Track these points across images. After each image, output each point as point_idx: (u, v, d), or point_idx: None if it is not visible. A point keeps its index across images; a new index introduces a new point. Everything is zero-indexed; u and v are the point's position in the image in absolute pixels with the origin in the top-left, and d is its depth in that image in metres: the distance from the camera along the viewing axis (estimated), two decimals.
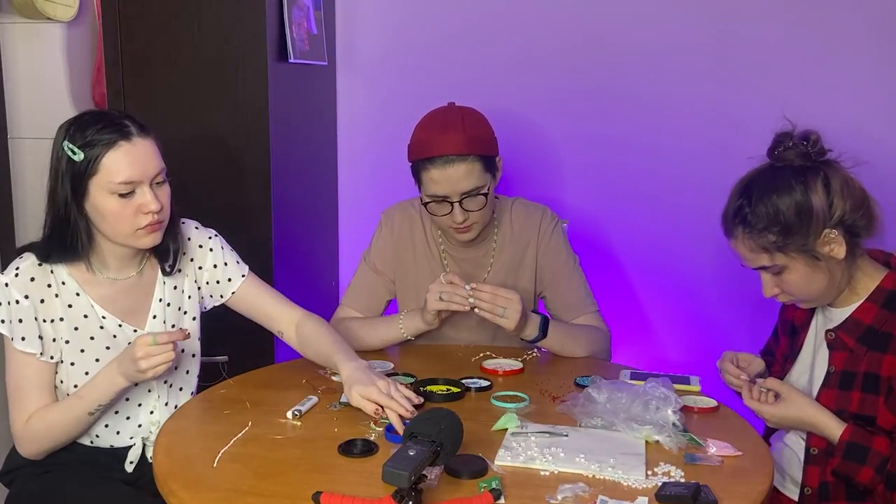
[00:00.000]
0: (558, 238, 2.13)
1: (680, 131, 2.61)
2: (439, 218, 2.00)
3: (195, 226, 1.90)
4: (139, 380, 1.66)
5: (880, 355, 1.61)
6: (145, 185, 1.66)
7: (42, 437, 1.71)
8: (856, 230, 1.61)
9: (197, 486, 1.35)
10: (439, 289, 1.91)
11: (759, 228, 1.60)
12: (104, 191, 1.64)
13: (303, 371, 1.88)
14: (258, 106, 2.33)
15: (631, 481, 1.36)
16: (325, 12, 2.66)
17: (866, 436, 1.58)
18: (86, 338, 1.74)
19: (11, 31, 2.80)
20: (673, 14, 2.57)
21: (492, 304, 1.88)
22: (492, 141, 2.01)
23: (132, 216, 1.66)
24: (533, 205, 2.17)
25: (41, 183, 2.36)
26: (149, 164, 1.67)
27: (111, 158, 1.63)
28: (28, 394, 1.70)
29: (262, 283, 1.95)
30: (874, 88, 2.47)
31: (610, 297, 2.75)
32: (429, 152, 1.94)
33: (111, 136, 1.63)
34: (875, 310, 1.63)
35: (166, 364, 1.61)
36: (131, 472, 1.79)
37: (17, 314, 1.67)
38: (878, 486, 1.57)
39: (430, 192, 1.96)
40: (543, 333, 1.97)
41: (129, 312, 1.78)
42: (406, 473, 1.18)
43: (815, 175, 1.59)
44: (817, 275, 1.62)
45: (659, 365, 2.63)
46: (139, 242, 1.70)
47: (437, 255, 2.14)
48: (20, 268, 1.69)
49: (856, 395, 1.62)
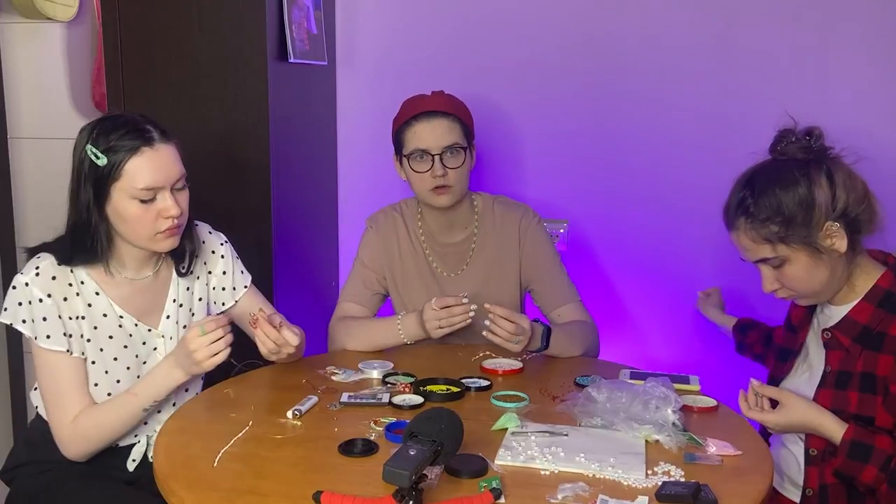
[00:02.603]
0: (540, 234, 2.18)
1: (680, 130, 2.61)
2: (419, 176, 2.06)
3: (209, 230, 1.91)
4: (198, 372, 1.69)
5: (876, 355, 1.61)
6: (166, 191, 1.68)
7: (93, 436, 1.71)
8: (857, 225, 1.61)
9: (197, 486, 1.35)
10: (436, 317, 1.94)
11: (761, 219, 1.60)
12: (126, 195, 1.65)
13: (303, 371, 1.88)
14: (258, 106, 2.33)
15: (631, 481, 1.36)
16: (325, 12, 2.66)
17: (869, 434, 1.58)
18: (105, 336, 1.75)
19: (11, 31, 2.80)
20: (674, 13, 2.57)
21: (509, 334, 1.88)
22: (471, 121, 2.13)
23: (152, 221, 1.67)
24: (514, 203, 2.23)
25: (41, 183, 2.37)
26: (171, 169, 1.68)
27: (134, 164, 1.64)
28: (67, 394, 1.70)
29: (262, 297, 1.98)
30: (876, 88, 2.47)
31: (610, 297, 2.75)
32: (414, 111, 2.07)
33: (134, 142, 1.64)
34: (871, 309, 1.63)
35: (223, 352, 1.64)
36: (131, 472, 1.80)
37: (40, 313, 1.67)
38: (882, 486, 1.56)
39: (413, 146, 2.06)
40: (546, 344, 1.98)
41: (145, 312, 1.79)
42: (407, 473, 1.18)
43: (818, 168, 1.60)
44: (818, 268, 1.62)
45: (659, 364, 2.63)
46: (158, 246, 1.72)
47: (420, 251, 2.19)
48: (40, 267, 1.69)
49: (854, 396, 1.62)
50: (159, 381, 1.70)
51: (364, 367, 1.88)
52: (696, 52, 2.57)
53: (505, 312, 1.89)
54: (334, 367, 1.89)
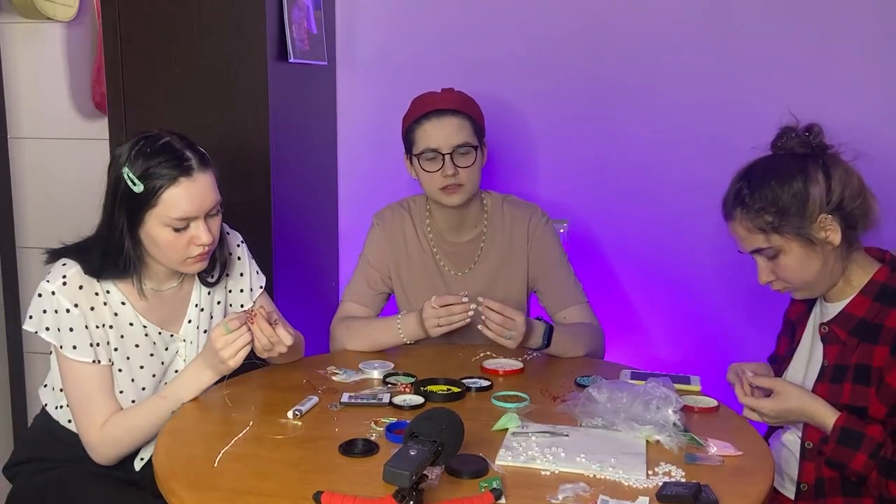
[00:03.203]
0: (549, 235, 2.17)
1: (681, 127, 2.61)
2: (430, 175, 2.05)
3: (227, 230, 1.90)
4: (226, 370, 1.70)
5: (871, 346, 1.62)
6: (200, 220, 1.68)
7: (122, 440, 1.72)
8: (852, 219, 1.64)
9: (198, 486, 1.35)
10: (434, 315, 1.93)
11: (756, 209, 1.64)
12: (160, 222, 1.65)
13: (303, 371, 1.88)
14: (258, 106, 2.33)
15: (632, 481, 1.36)
16: (325, 12, 2.66)
17: (860, 422, 1.59)
18: (131, 345, 1.75)
19: (11, 31, 2.80)
20: (674, 12, 2.57)
21: (500, 327, 1.90)
22: (482, 118, 2.11)
23: (184, 247, 1.68)
24: (524, 202, 2.22)
25: (41, 183, 2.37)
26: (206, 199, 1.68)
27: (171, 194, 1.63)
28: (94, 401, 1.71)
29: (271, 302, 1.98)
30: (877, 85, 2.47)
31: (610, 296, 2.75)
32: (424, 109, 2.05)
33: (172, 172, 1.63)
34: (868, 303, 1.65)
35: (246, 348, 1.66)
36: (137, 471, 1.80)
37: (66, 323, 1.67)
38: (872, 473, 1.56)
39: (423, 145, 2.04)
40: (547, 342, 1.98)
41: (168, 320, 1.81)
42: (407, 473, 1.18)
43: (814, 162, 1.64)
44: (811, 260, 1.64)
45: (659, 364, 2.63)
46: (187, 269, 1.74)
47: (428, 249, 2.17)
48: (67, 276, 1.69)
49: (847, 387, 1.63)
50: (190, 384, 1.71)
51: (364, 368, 1.88)
52: (696, 50, 2.57)
53: (497, 306, 1.90)
54: (335, 368, 1.89)
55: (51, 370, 1.83)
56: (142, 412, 1.72)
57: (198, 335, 1.83)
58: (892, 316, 1.61)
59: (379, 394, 1.72)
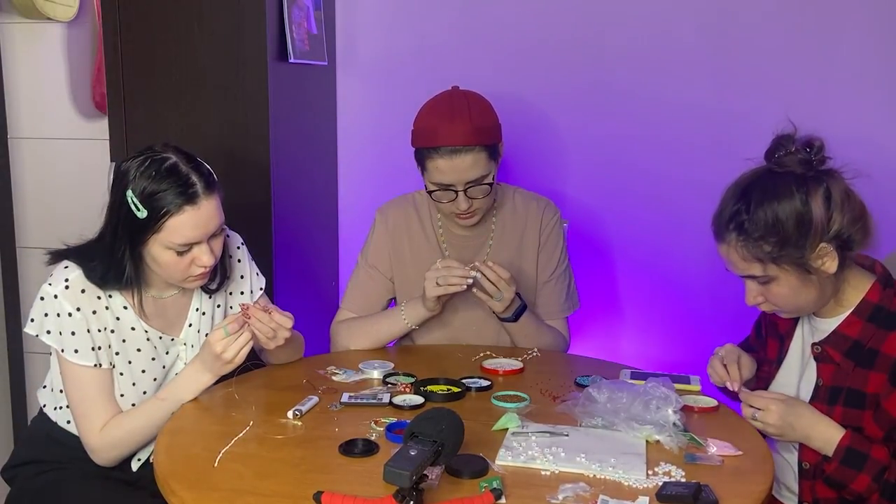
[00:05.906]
0: (558, 237, 2.15)
1: (682, 129, 2.61)
2: (443, 205, 2.01)
3: (227, 232, 1.90)
4: (226, 371, 1.71)
5: (866, 372, 1.58)
6: (203, 243, 1.68)
7: (122, 443, 1.72)
8: (850, 244, 1.56)
9: (198, 486, 1.35)
10: (435, 275, 1.92)
11: (755, 237, 1.54)
12: (162, 246, 1.65)
13: (303, 371, 1.88)
14: (258, 106, 2.32)
15: (632, 481, 1.36)
16: (325, 12, 2.66)
17: (865, 443, 1.56)
18: (133, 349, 1.76)
19: (11, 31, 2.80)
20: (676, 12, 2.57)
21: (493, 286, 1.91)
22: (497, 128, 2.02)
23: (186, 267, 1.69)
24: (536, 195, 2.19)
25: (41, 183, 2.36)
26: (210, 224, 1.67)
27: (175, 221, 1.63)
28: (95, 404, 1.71)
29: (270, 303, 1.97)
30: (877, 89, 2.47)
31: (609, 296, 2.75)
32: (434, 141, 1.93)
33: (177, 200, 1.62)
34: (860, 324, 1.60)
35: (247, 346, 1.68)
36: (134, 472, 1.80)
37: (68, 327, 1.67)
38: (874, 496, 1.54)
39: (436, 180, 1.97)
40: (515, 318, 1.99)
41: (169, 325, 1.81)
42: (407, 473, 1.18)
43: (816, 185, 1.54)
44: (806, 288, 1.58)
45: (659, 364, 2.63)
46: (188, 286, 1.75)
47: (435, 241, 2.14)
48: (70, 279, 1.69)
49: (838, 409, 1.60)
50: (188, 385, 1.71)
51: (364, 368, 1.88)
52: (696, 51, 2.57)
53: (496, 266, 1.91)
54: (335, 367, 1.89)
55: (50, 371, 1.83)
56: (141, 415, 1.72)
57: (199, 339, 1.83)
58: (889, 342, 1.57)
59: (379, 394, 1.72)
